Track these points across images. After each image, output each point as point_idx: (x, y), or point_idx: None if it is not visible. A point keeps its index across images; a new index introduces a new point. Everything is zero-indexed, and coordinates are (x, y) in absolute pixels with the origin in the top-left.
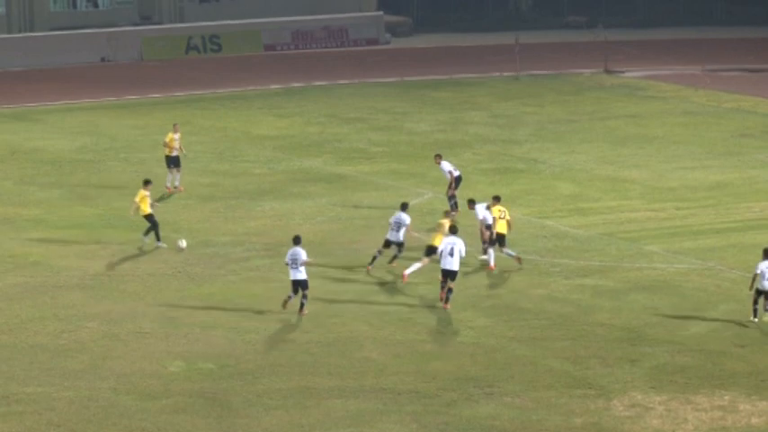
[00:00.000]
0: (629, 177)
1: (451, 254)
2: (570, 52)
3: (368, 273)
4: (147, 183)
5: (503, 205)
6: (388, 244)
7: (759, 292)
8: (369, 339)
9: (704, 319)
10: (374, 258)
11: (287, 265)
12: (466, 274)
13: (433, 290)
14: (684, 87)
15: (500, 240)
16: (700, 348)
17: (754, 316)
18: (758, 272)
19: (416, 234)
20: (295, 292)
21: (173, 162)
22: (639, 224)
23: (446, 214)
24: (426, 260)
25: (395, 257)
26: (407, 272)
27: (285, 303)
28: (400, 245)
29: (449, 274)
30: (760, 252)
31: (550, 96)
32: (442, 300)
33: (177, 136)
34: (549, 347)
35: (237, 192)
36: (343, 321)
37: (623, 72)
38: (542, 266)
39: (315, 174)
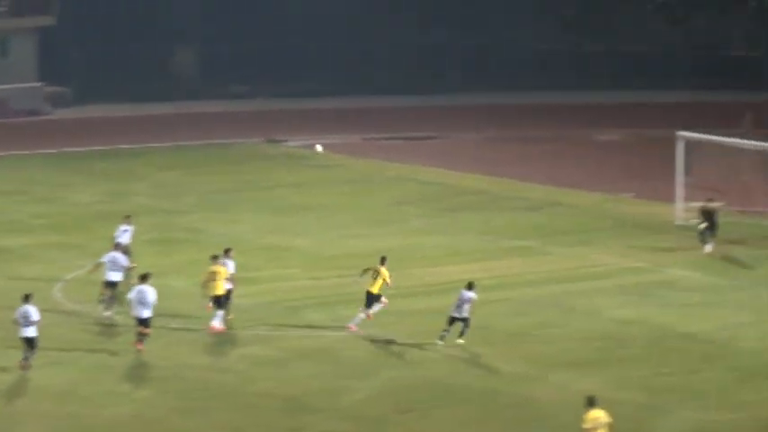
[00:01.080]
0: (291, 246)
1: (142, 302)
2: (233, 122)
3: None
4: None
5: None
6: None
7: (453, 319)
8: (28, 415)
9: (364, 386)
10: None
11: (16, 323)
12: (128, 342)
13: (85, 366)
14: (347, 156)
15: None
16: (359, 415)
17: (440, 339)
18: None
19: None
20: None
21: None
22: (301, 292)
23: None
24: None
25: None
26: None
27: (23, 365)
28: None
29: (143, 322)
30: (421, 319)
31: (215, 166)
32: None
33: None
34: (210, 418)
35: None
36: (6, 397)
37: (286, 141)
38: (206, 336)
39: None
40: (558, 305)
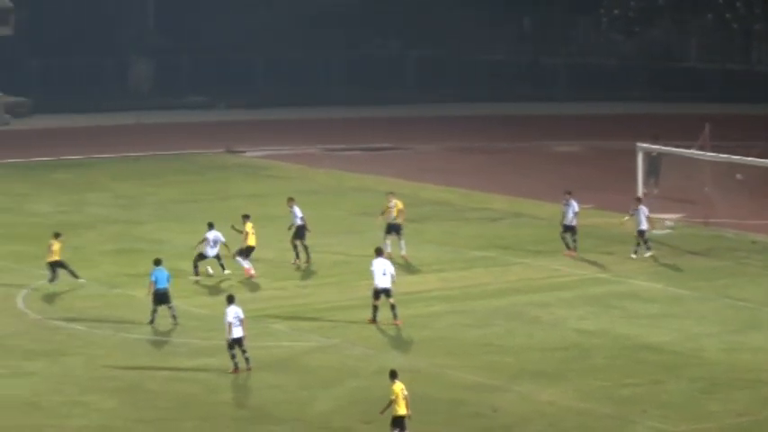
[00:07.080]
0: (253, 257)
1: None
2: (191, 132)
3: None
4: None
5: None
6: None
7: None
8: None
9: (330, 396)
10: None
11: None
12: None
13: (49, 376)
14: (307, 167)
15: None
16: (325, 426)
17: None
18: None
19: None
20: None
21: None
22: (264, 302)
23: None
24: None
25: None
26: None
27: None
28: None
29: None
30: (379, 328)
31: (173, 176)
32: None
33: None
34: (175, 429)
35: None
36: None
37: (245, 152)
38: (167, 346)
39: None
40: (521, 316)
